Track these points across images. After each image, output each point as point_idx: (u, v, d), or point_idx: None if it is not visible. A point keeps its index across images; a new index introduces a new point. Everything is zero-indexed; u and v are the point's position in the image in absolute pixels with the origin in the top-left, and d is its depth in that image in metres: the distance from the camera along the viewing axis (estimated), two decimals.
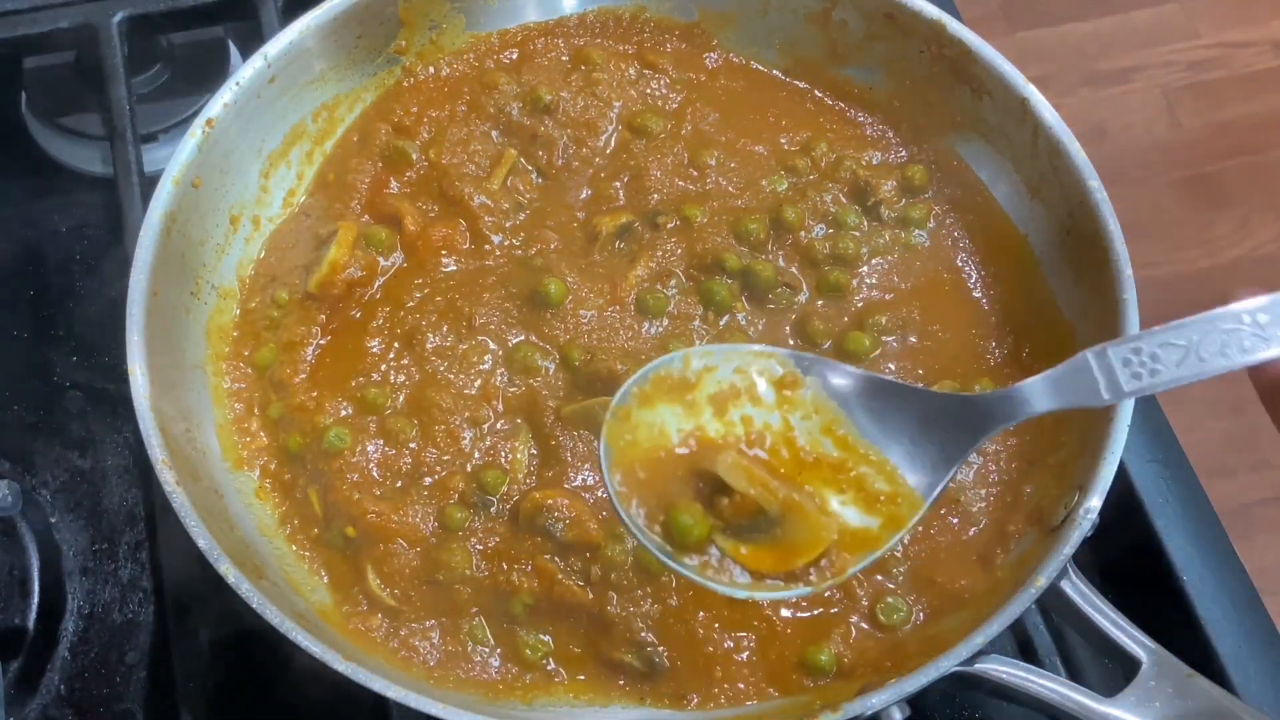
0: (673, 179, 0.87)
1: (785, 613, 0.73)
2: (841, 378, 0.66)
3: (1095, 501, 0.69)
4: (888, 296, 0.83)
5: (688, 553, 0.63)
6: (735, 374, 0.66)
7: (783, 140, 0.90)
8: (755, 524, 0.64)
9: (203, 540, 0.68)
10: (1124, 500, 0.85)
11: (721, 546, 0.64)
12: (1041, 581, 0.67)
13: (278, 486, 0.79)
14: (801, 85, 0.93)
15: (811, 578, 0.63)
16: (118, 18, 0.99)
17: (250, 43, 0.94)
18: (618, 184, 0.87)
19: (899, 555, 0.75)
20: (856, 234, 0.85)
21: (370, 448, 0.77)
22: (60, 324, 0.97)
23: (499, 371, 0.80)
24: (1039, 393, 0.62)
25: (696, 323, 0.82)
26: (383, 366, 0.80)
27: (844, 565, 0.63)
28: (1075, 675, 0.81)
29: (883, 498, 0.64)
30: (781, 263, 0.84)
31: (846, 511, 0.64)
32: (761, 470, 0.64)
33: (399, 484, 0.77)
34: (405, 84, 0.92)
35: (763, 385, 0.66)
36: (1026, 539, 0.74)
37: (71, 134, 1.04)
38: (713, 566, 0.63)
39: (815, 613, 0.74)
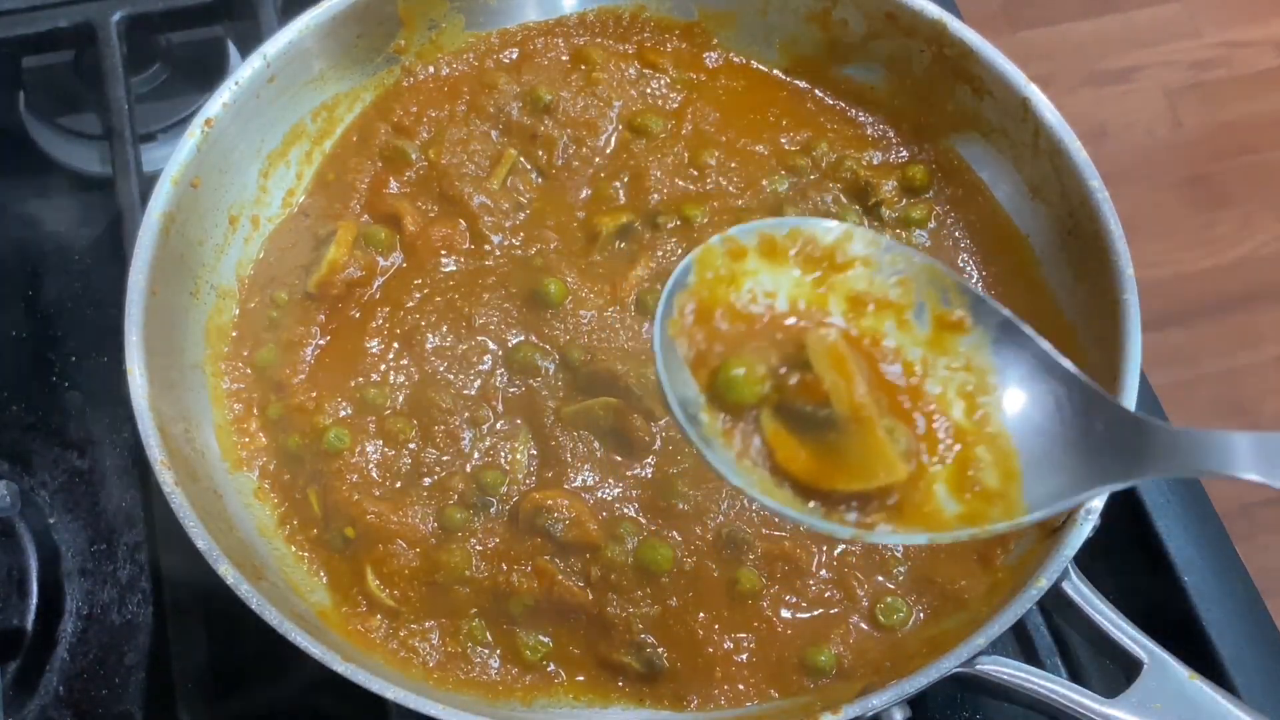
0: (673, 179, 0.87)
1: (785, 613, 0.73)
2: (1017, 349, 0.56)
3: (1097, 502, 0.69)
4: None
5: (723, 412, 0.55)
6: (896, 284, 0.57)
7: (783, 140, 0.89)
8: (814, 418, 0.55)
9: (202, 541, 0.68)
10: (1125, 501, 0.85)
11: (762, 425, 0.55)
12: (1043, 582, 0.67)
13: (277, 487, 0.78)
14: (802, 85, 0.93)
15: (842, 512, 0.54)
16: (116, 17, 0.99)
17: (249, 42, 0.93)
18: (618, 184, 0.87)
19: (899, 555, 0.75)
20: None
21: (370, 448, 0.77)
22: (59, 324, 0.97)
23: (499, 372, 0.80)
24: (1244, 454, 0.50)
25: None
26: (382, 367, 0.80)
27: (879, 523, 0.54)
28: (1076, 676, 0.81)
29: (979, 488, 0.54)
30: None
31: (932, 478, 0.54)
32: (856, 369, 0.55)
33: (398, 484, 0.77)
34: (405, 84, 0.92)
35: (923, 313, 0.56)
36: (1027, 539, 0.74)
37: (70, 133, 1.03)
38: (737, 441, 0.55)
39: (815, 613, 0.74)
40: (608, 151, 0.89)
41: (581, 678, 0.73)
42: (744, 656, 0.72)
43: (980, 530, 0.53)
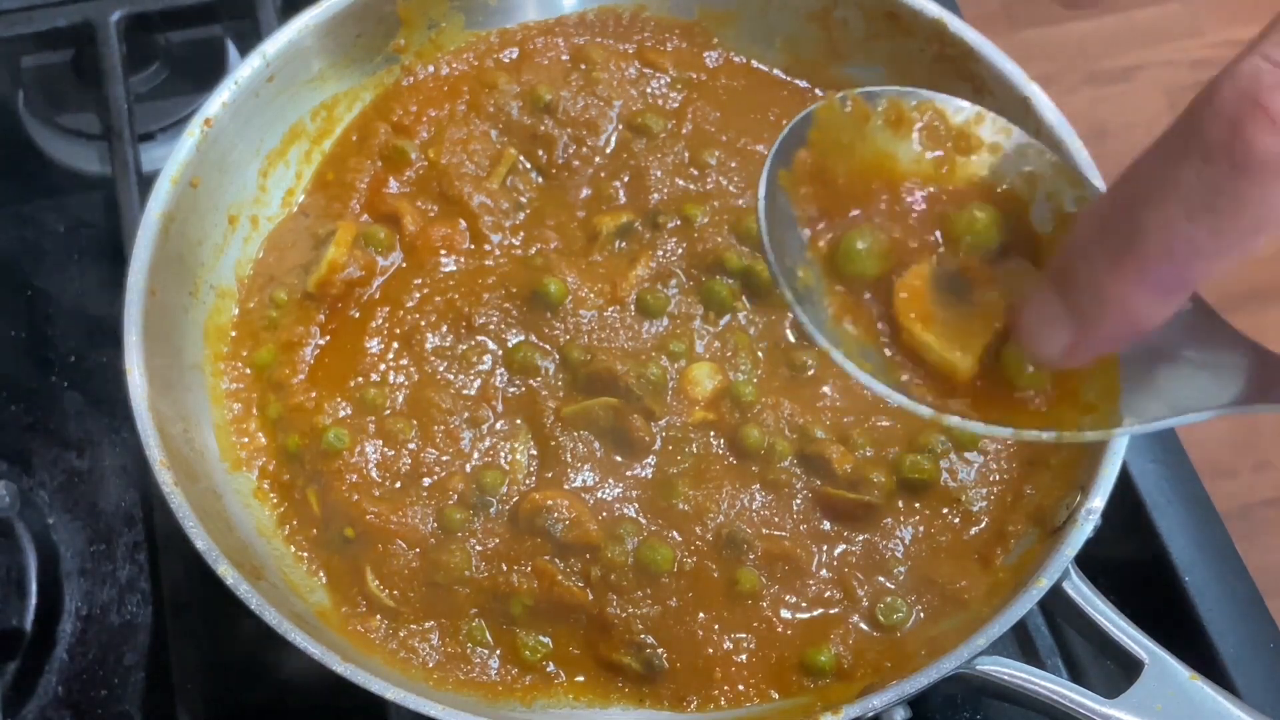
0: (673, 178, 0.87)
1: (785, 613, 0.73)
2: None
3: (1097, 502, 0.69)
4: None
5: (836, 281, 0.51)
6: (1019, 176, 0.53)
7: None
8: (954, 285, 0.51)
9: (201, 541, 0.68)
10: (1126, 501, 0.85)
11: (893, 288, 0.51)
12: (1044, 582, 0.67)
13: (276, 487, 0.78)
14: (802, 84, 0.93)
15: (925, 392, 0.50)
16: (115, 16, 0.99)
17: (248, 41, 0.93)
18: (618, 183, 0.87)
19: (899, 555, 0.75)
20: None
21: (369, 448, 0.77)
22: (58, 324, 0.97)
23: (498, 372, 0.80)
24: None
25: (697, 322, 0.82)
26: (382, 367, 0.80)
27: (954, 410, 0.50)
28: (1077, 676, 0.81)
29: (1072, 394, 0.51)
30: None
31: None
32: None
33: (398, 485, 0.76)
34: (404, 83, 0.92)
35: (1043, 210, 0.53)
36: (1027, 539, 0.74)
37: (69, 133, 1.03)
38: (837, 306, 0.51)
39: (815, 613, 0.74)
40: (608, 151, 0.89)
41: (581, 678, 0.73)
42: (744, 657, 0.72)
43: (1069, 435, 0.50)
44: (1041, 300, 0.47)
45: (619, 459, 0.77)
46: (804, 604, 0.73)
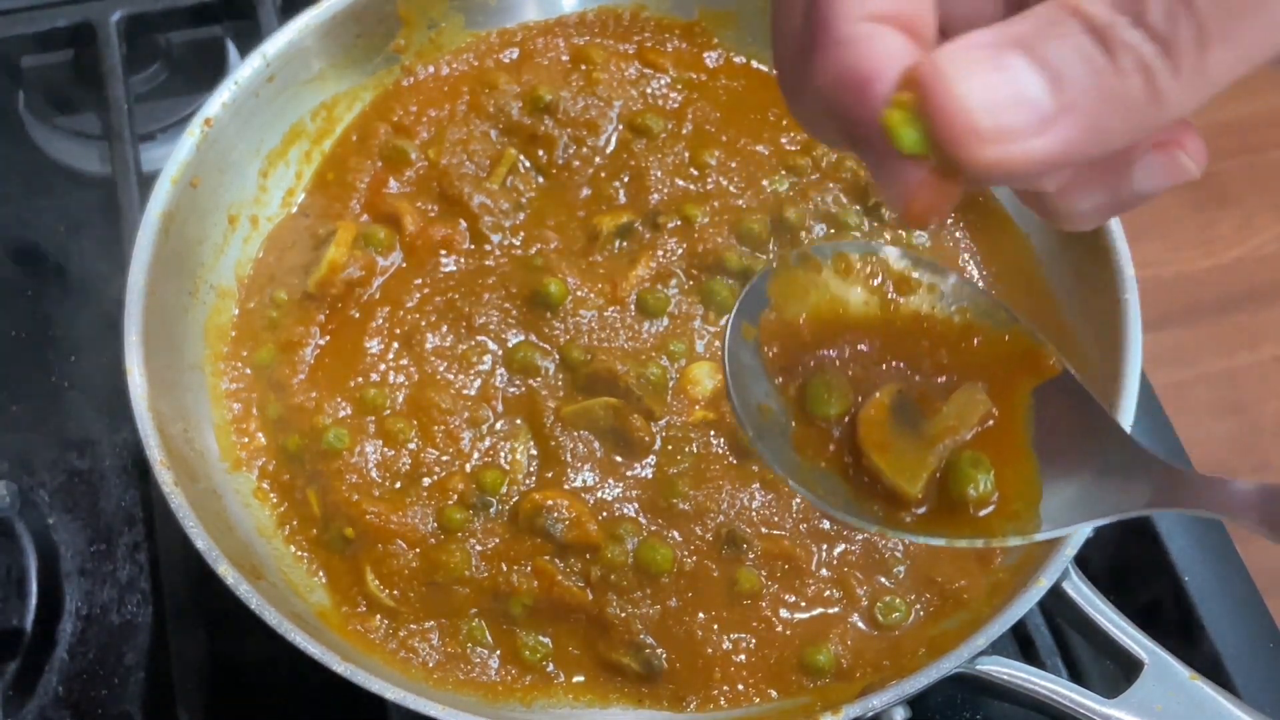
0: (673, 179, 0.87)
1: (784, 613, 0.73)
2: (1056, 380, 0.57)
3: None
4: None
5: (803, 423, 0.57)
6: (956, 311, 0.58)
7: (784, 140, 0.89)
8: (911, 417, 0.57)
9: (201, 541, 0.68)
10: None
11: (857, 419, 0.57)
12: (1044, 582, 0.67)
13: (276, 487, 0.78)
14: None
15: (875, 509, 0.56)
16: (116, 17, 0.99)
17: (248, 42, 0.93)
18: (618, 184, 0.87)
19: (899, 555, 0.75)
20: (858, 234, 0.84)
21: (369, 448, 0.77)
22: (58, 324, 0.97)
23: (498, 372, 0.80)
24: (1249, 502, 0.50)
25: (698, 322, 0.82)
26: (382, 367, 0.80)
27: (900, 525, 0.55)
28: (1077, 676, 0.81)
29: (994, 500, 0.56)
30: None
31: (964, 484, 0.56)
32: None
33: (398, 485, 0.76)
34: (404, 83, 0.92)
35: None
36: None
37: (69, 133, 1.03)
38: (812, 446, 0.57)
39: (814, 613, 0.74)
40: (608, 151, 0.89)
41: (581, 678, 0.73)
42: (743, 657, 0.72)
43: (996, 541, 0.56)
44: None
45: (619, 459, 0.77)
46: (803, 603, 0.73)
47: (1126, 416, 0.71)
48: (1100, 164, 0.43)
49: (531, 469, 0.77)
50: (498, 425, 0.78)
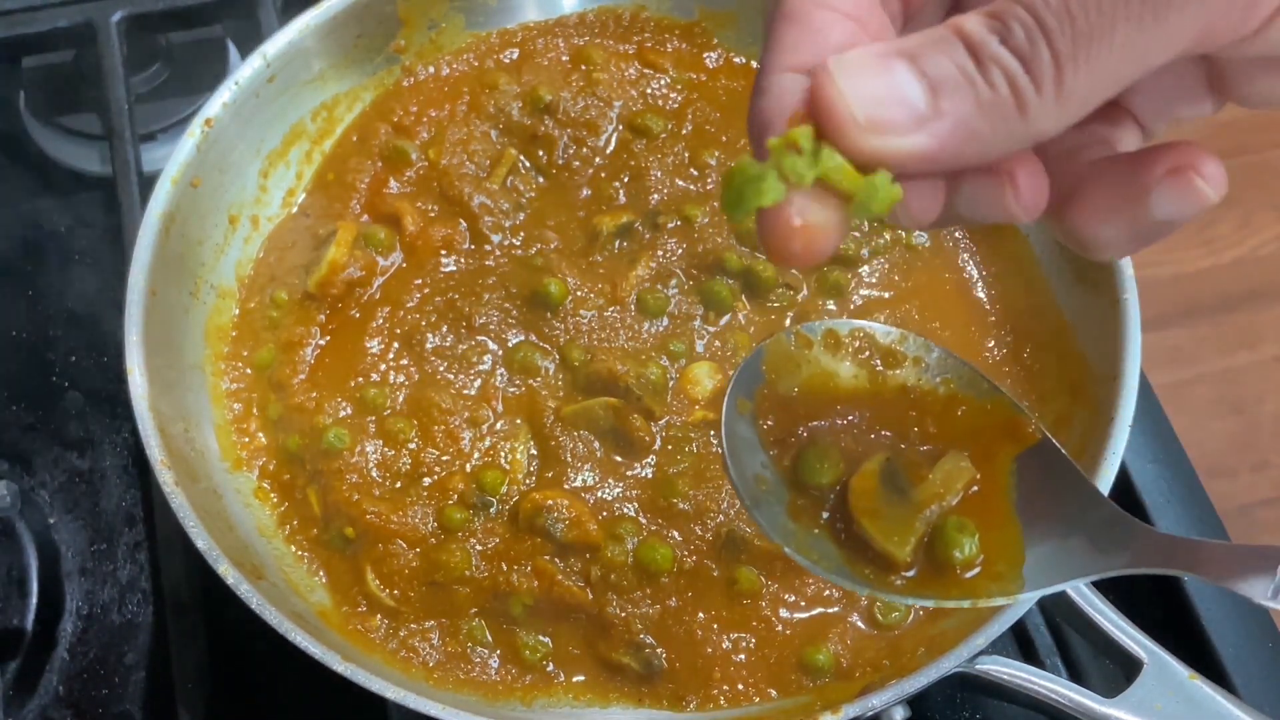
0: (673, 179, 0.87)
1: (784, 613, 0.73)
2: (1036, 447, 0.60)
3: None
4: (887, 295, 0.83)
5: (797, 492, 0.60)
6: (940, 383, 0.62)
7: None
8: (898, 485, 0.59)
9: (201, 541, 0.68)
10: (1125, 500, 0.85)
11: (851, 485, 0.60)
12: None
13: (276, 487, 0.78)
14: None
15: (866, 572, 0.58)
16: (116, 17, 0.99)
17: (249, 42, 0.94)
18: (618, 184, 0.87)
19: None
20: (857, 234, 0.85)
21: (369, 448, 0.77)
22: (59, 324, 0.97)
23: (499, 372, 0.80)
24: (1216, 560, 0.52)
25: (697, 322, 0.82)
26: (382, 367, 0.80)
27: (890, 588, 0.58)
28: (1076, 676, 0.81)
29: (980, 562, 0.59)
30: None
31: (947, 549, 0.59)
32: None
33: (398, 484, 0.77)
34: (405, 83, 0.92)
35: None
36: None
37: (70, 133, 1.03)
38: (807, 514, 0.59)
39: (814, 612, 0.74)
40: (608, 151, 0.89)
41: (581, 678, 0.73)
42: (743, 656, 0.72)
43: (981, 601, 0.58)
44: None
45: (619, 459, 0.77)
46: (803, 603, 0.73)
47: (1126, 416, 0.71)
48: (1115, 191, 0.46)
49: (531, 469, 0.77)
50: (498, 425, 0.78)
